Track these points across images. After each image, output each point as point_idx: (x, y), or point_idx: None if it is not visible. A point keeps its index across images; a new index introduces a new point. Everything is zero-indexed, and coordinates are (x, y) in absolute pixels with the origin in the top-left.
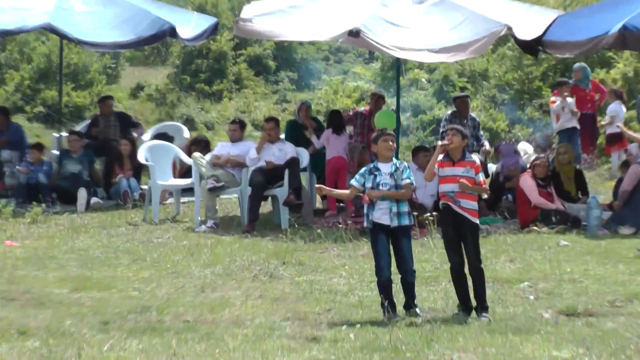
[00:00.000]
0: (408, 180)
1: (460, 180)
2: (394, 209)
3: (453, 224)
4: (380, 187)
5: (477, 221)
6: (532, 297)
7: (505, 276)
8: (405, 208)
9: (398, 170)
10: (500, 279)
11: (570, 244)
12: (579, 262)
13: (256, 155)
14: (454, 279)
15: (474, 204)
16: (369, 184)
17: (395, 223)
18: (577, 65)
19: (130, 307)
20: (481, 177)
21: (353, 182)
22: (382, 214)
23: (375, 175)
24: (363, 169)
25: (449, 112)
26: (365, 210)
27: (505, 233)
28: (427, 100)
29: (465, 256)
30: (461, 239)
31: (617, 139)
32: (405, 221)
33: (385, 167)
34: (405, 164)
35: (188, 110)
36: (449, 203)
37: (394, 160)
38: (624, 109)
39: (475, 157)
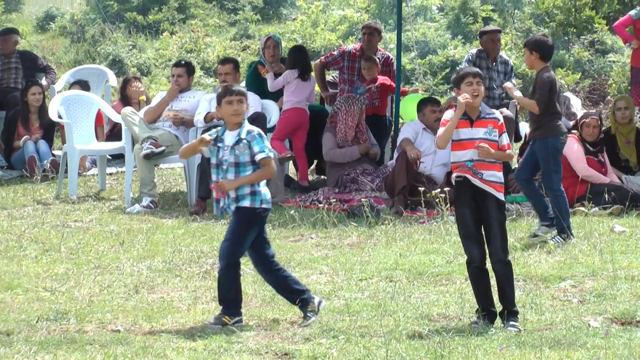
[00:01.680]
0: (262, 154)
1: (480, 144)
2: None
3: (472, 204)
4: (223, 166)
5: (504, 198)
6: (576, 300)
7: (541, 272)
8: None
9: (241, 143)
10: (534, 277)
11: (628, 230)
12: None
13: (208, 111)
14: (473, 277)
15: (499, 176)
16: (213, 160)
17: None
18: None
19: (41, 312)
20: (505, 139)
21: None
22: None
23: (219, 149)
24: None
25: (473, 50)
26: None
27: None
28: (438, 36)
29: (487, 246)
30: (482, 224)
31: None
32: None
33: (229, 137)
34: (257, 131)
35: (115, 48)
36: (468, 175)
37: (244, 126)
38: None
39: (498, 114)
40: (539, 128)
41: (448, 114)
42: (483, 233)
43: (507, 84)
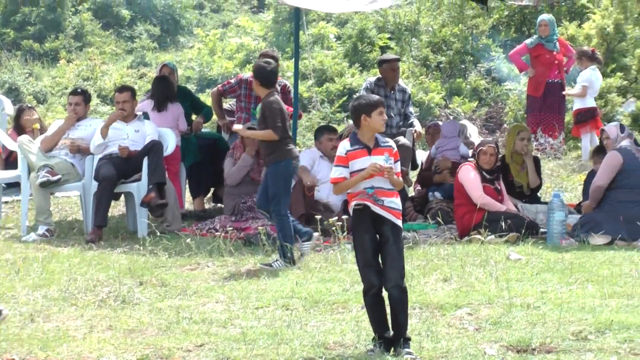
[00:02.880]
0: None
1: (385, 166)
2: None
3: (372, 231)
4: None
5: (402, 225)
6: (472, 328)
7: (437, 300)
8: None
9: None
10: (430, 304)
11: (524, 258)
12: (535, 282)
13: (102, 140)
14: (371, 304)
15: (398, 202)
16: None
17: None
18: (544, 17)
19: None
20: (399, 167)
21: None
22: None
23: None
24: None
25: (372, 79)
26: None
27: (438, 243)
28: (335, 64)
29: (384, 272)
30: (381, 250)
31: (589, 117)
32: None
33: None
34: None
35: (11, 76)
36: (368, 203)
37: None
38: (600, 77)
39: (392, 142)
40: (272, 153)
41: (342, 148)
42: (380, 260)
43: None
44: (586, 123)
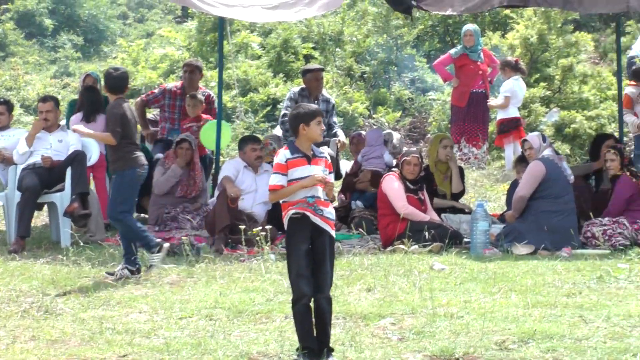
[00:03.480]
0: None
1: (327, 180)
2: None
3: (308, 241)
4: None
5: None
6: (395, 338)
7: (361, 310)
8: None
9: None
10: (353, 314)
11: (447, 268)
12: (459, 292)
13: (27, 149)
14: (300, 315)
15: (333, 213)
16: None
17: None
18: (469, 27)
19: None
20: (332, 178)
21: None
22: None
23: None
24: None
25: (295, 88)
26: None
27: (361, 253)
28: (260, 74)
29: (316, 282)
30: (314, 260)
31: (512, 127)
32: None
33: None
34: None
35: None
36: (308, 213)
37: None
38: (524, 87)
39: (327, 153)
40: (117, 160)
41: (283, 156)
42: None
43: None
44: (509, 133)
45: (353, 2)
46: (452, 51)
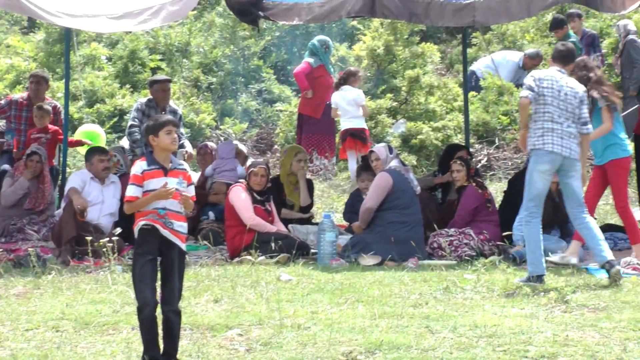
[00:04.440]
0: None
1: (183, 194)
2: None
3: (155, 252)
4: None
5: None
6: (243, 349)
7: (208, 321)
8: None
9: None
10: (200, 325)
11: (294, 279)
12: (306, 303)
13: None
14: (147, 324)
15: (185, 226)
16: None
17: None
18: (320, 38)
19: None
20: (193, 190)
21: None
22: None
23: None
24: None
25: (143, 100)
26: None
27: (208, 264)
28: (106, 85)
29: (163, 295)
30: (162, 272)
31: (356, 136)
32: None
33: None
34: None
35: None
36: (158, 225)
37: None
38: (349, 97)
39: (186, 166)
40: None
41: (139, 167)
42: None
43: None
44: (354, 142)
45: (200, 13)
46: (311, 60)
